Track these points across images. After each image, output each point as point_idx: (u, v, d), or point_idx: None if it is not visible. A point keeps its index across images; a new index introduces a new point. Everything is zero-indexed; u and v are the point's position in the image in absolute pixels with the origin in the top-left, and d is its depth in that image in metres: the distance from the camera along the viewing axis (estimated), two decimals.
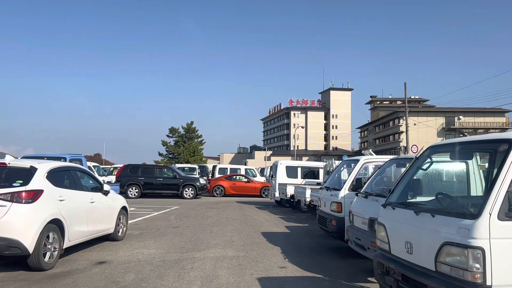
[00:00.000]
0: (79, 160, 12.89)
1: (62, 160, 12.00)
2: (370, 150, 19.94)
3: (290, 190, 17.13)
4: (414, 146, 31.05)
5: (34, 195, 6.68)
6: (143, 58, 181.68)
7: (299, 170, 19.76)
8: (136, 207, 18.49)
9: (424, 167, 4.68)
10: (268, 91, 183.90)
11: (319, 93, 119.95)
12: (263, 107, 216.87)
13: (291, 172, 19.78)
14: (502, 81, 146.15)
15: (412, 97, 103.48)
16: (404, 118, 47.38)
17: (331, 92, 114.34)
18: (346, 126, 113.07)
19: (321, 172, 19.93)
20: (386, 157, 9.05)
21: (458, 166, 6.68)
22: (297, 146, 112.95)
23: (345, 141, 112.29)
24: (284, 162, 20.04)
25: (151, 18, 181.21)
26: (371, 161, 8.78)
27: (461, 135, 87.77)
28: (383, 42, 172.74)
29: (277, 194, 19.37)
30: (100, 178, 23.56)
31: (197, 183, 24.07)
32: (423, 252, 3.70)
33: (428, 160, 4.64)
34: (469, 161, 6.18)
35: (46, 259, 6.77)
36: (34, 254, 6.52)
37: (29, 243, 6.40)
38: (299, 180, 19.59)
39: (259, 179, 29.36)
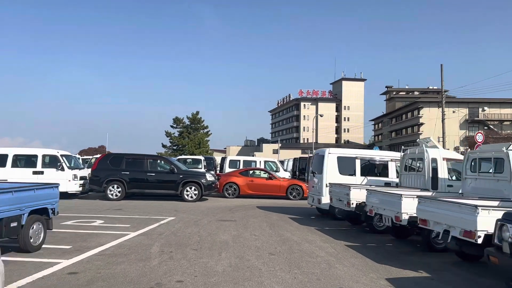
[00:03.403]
0: None
1: None
2: (431, 137, 12.94)
3: (357, 196, 10.10)
4: (479, 134, 23.89)
5: None
6: (148, 47, 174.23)
7: (357, 163, 12.70)
8: (107, 218, 11.56)
9: None
10: (277, 82, 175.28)
11: (330, 84, 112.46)
12: (271, 98, 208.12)
13: (345, 165, 12.74)
14: None
15: (431, 87, 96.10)
16: (440, 105, 40.29)
17: (343, 82, 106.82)
18: (358, 118, 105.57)
19: (391, 166, 12.87)
20: None
21: None
22: (307, 139, 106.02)
23: (357, 134, 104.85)
24: (334, 151, 12.96)
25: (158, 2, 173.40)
26: None
27: (485, 128, 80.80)
28: (397, 31, 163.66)
29: (324, 200, 12.38)
30: (69, 172, 16.65)
31: (203, 180, 17.12)
32: None
33: None
34: None
35: None
36: None
37: None
38: (358, 178, 12.60)
39: (283, 174, 22.35)
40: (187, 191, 16.98)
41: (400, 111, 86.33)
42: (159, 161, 17.98)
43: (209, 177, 17.51)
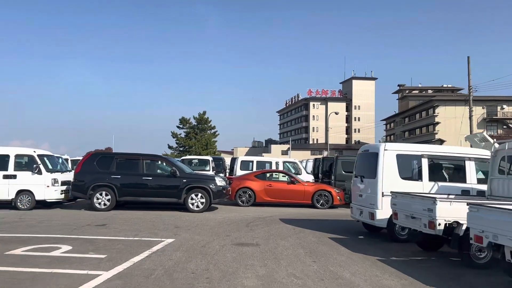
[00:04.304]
0: None
1: None
2: (484, 132, 9.47)
3: (447, 213, 6.58)
4: None
5: None
6: (154, 48, 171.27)
7: (424, 163, 9.14)
8: (80, 241, 8.07)
9: None
10: (285, 82, 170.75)
11: (340, 83, 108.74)
12: (279, 98, 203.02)
13: (408, 167, 9.22)
14: None
15: (445, 85, 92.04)
16: (469, 103, 36.57)
17: (353, 81, 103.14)
18: (369, 118, 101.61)
19: (469, 167, 9.29)
20: None
21: None
22: (317, 139, 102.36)
23: (368, 134, 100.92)
24: (393, 146, 9.36)
25: (158, 3, 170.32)
26: None
27: (504, 127, 76.72)
28: (407, 29, 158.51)
29: (380, 215, 8.86)
30: (48, 176, 13.25)
31: (211, 185, 13.66)
32: None
33: None
34: None
35: None
36: None
37: None
38: (427, 185, 9.06)
39: (306, 177, 18.79)
40: (192, 199, 13.53)
41: (414, 110, 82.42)
42: (158, 162, 14.50)
43: (219, 181, 14.03)
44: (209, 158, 20.72)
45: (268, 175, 16.51)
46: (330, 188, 15.82)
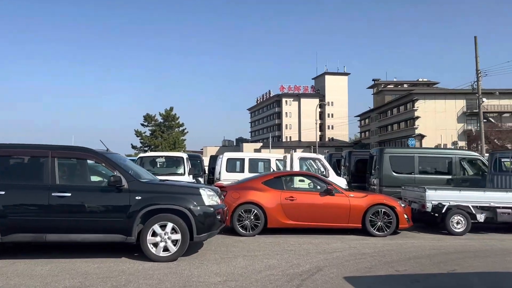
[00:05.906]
0: None
1: None
2: None
3: None
4: None
5: None
6: (115, 39, 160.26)
7: None
8: None
9: None
10: (255, 78, 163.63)
11: (313, 79, 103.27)
12: (250, 96, 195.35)
13: None
14: None
15: (420, 79, 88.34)
16: (477, 89, 30.98)
17: (326, 77, 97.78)
18: (343, 114, 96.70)
19: None
20: None
21: None
22: (290, 137, 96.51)
23: (341, 131, 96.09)
24: None
25: None
26: None
27: (484, 121, 73.07)
28: (381, 21, 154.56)
29: None
30: None
31: (193, 206, 6.66)
32: None
33: None
34: None
35: None
36: None
37: None
38: None
39: (335, 180, 11.87)
40: (154, 234, 6.53)
41: (391, 105, 77.92)
42: (85, 161, 7.26)
43: (209, 196, 7.01)
44: (183, 155, 13.23)
45: (284, 179, 9.67)
46: (393, 201, 9.19)
